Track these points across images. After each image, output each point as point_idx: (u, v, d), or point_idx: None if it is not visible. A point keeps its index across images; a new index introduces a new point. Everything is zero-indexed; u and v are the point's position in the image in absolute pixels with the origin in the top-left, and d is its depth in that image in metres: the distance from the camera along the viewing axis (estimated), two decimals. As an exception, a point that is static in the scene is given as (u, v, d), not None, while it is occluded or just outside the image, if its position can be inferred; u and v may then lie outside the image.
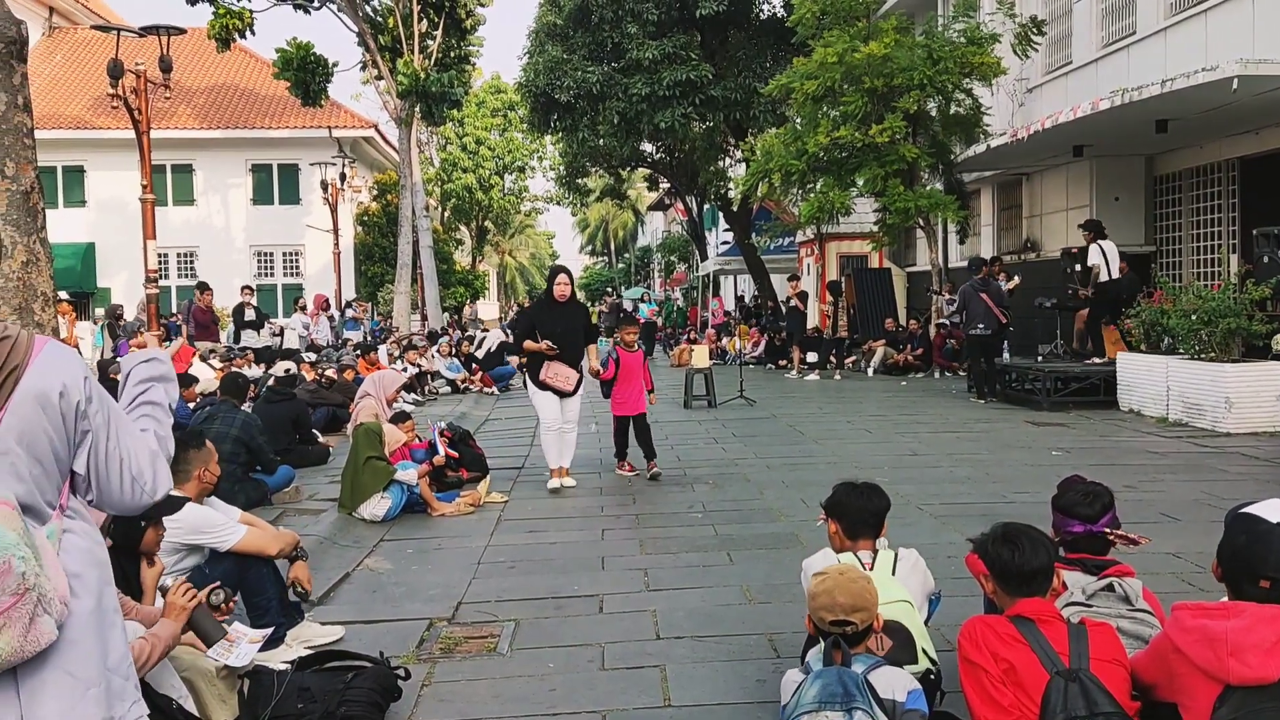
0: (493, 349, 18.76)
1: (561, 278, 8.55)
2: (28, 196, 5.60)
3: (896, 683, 3.01)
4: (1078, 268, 14.08)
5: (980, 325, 13.75)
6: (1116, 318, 12.90)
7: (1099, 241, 13.01)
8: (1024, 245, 19.30)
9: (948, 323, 17.77)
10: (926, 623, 3.62)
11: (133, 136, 13.19)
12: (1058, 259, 15.55)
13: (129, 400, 2.28)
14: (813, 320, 20.94)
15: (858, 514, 3.72)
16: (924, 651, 3.37)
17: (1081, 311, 14.24)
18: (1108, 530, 3.52)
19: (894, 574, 3.58)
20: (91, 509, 2.15)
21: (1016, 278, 15.85)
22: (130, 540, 3.72)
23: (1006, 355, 14.67)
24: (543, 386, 8.37)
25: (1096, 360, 13.21)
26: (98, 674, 1.99)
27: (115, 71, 12.27)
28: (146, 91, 12.51)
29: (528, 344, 8.37)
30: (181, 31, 13.98)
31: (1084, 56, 16.53)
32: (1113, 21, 15.95)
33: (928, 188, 18.17)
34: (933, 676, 3.36)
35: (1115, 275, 12.95)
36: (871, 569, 3.54)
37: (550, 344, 8.21)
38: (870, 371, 19.15)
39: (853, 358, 20.34)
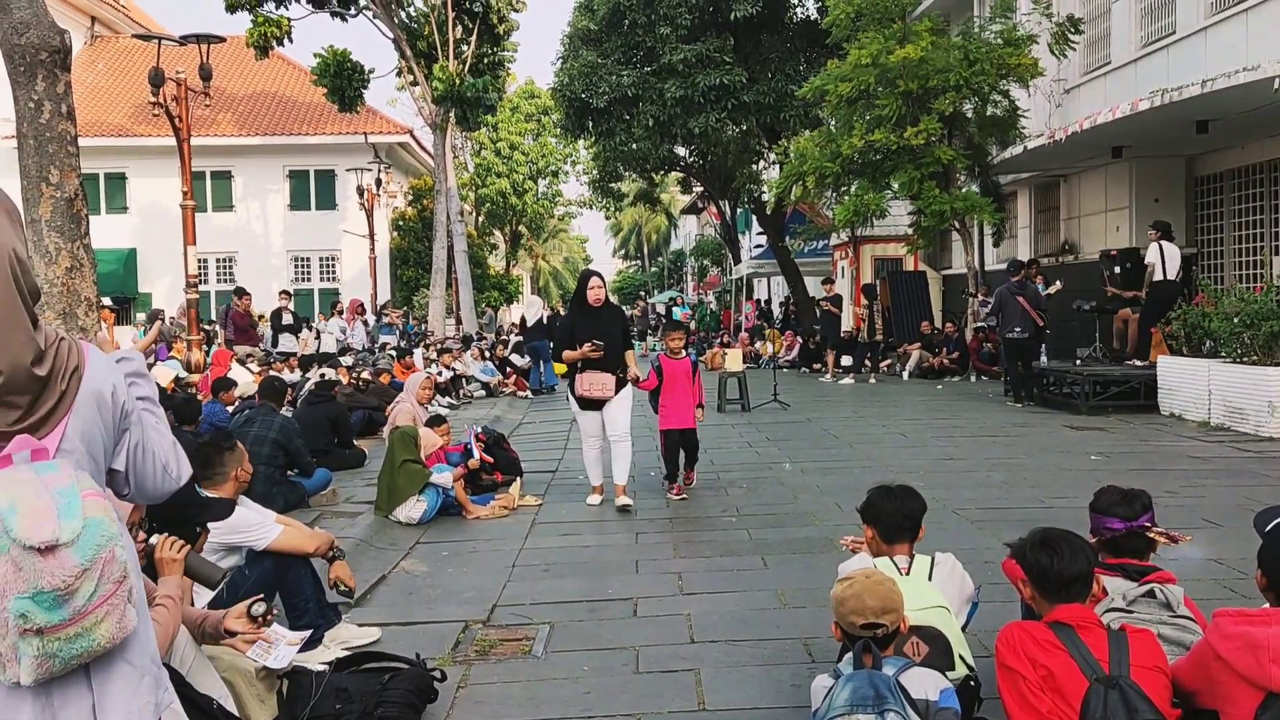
0: (542, 320, 18.62)
1: (594, 281, 7.91)
2: (72, 203, 5.71)
3: (928, 682, 2.99)
4: (1116, 269, 13.92)
5: (1017, 328, 13.62)
6: (1161, 320, 12.73)
7: (1162, 242, 12.81)
8: (1062, 248, 19.10)
9: (984, 326, 17.61)
10: (964, 629, 3.59)
11: (173, 143, 13.38)
12: (1096, 261, 15.37)
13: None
14: (847, 324, 20.83)
15: (892, 518, 3.70)
16: (961, 658, 3.35)
17: (1123, 312, 14.06)
18: (1148, 526, 3.48)
19: (931, 579, 3.56)
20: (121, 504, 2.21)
21: (1059, 282, 15.67)
22: (188, 541, 3.77)
23: (1044, 358, 14.52)
24: (581, 401, 7.79)
25: (1137, 363, 13.04)
26: (148, 663, 2.07)
27: (156, 80, 12.46)
28: (187, 99, 12.69)
29: (566, 354, 7.83)
30: (221, 40, 14.17)
31: (1123, 57, 16.34)
32: (1151, 21, 15.76)
33: (963, 190, 18.03)
34: (972, 684, 3.33)
35: (1172, 277, 12.74)
36: (908, 574, 3.53)
37: (595, 343, 7.58)
38: (905, 375, 19.03)
39: (888, 361, 20.22)
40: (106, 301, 18.60)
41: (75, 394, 1.97)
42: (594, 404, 7.75)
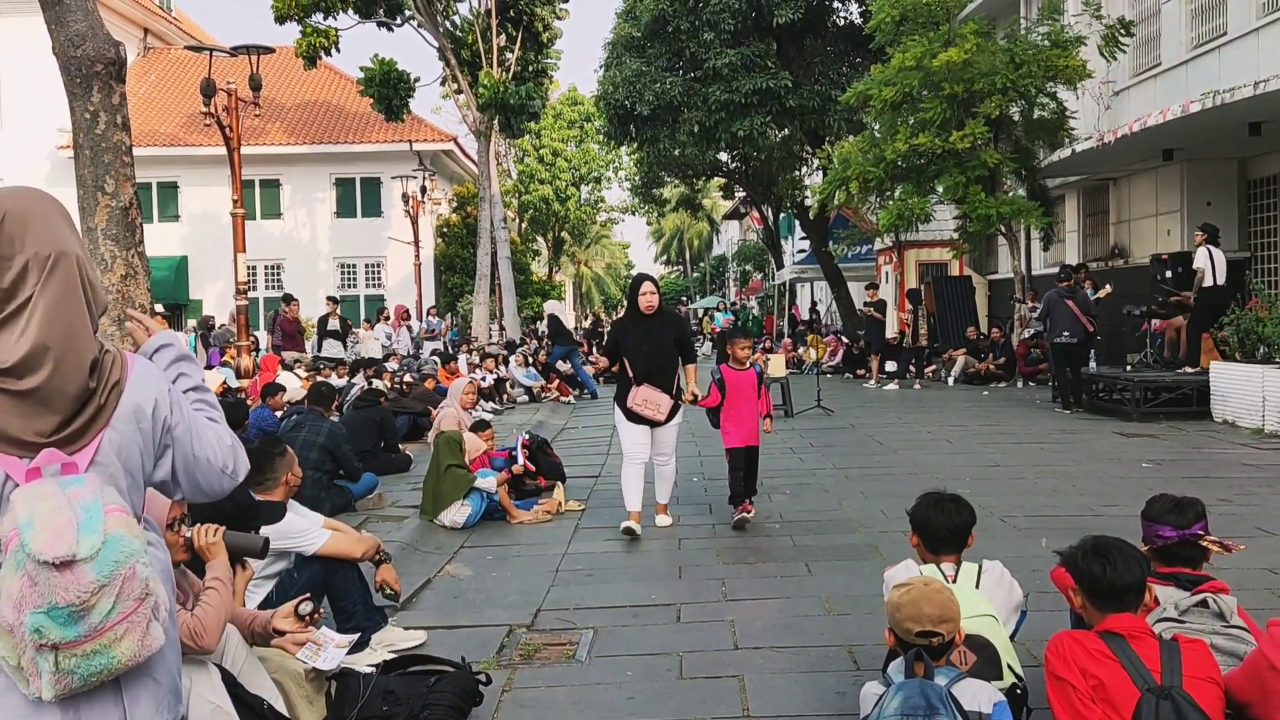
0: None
1: (646, 286, 7.17)
2: (126, 212, 5.83)
3: (981, 695, 2.96)
4: (1168, 274, 13.69)
5: (1066, 333, 13.44)
6: (1213, 325, 12.50)
7: (1209, 245, 12.58)
8: (1111, 252, 18.82)
9: (1033, 332, 17.38)
10: (1012, 638, 3.55)
11: (224, 152, 13.61)
12: (1147, 265, 15.12)
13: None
14: (891, 329, 20.67)
15: (939, 530, 3.66)
16: (1009, 667, 3.31)
17: (1175, 319, 13.83)
18: (1200, 534, 3.42)
19: (978, 587, 3.52)
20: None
21: (1109, 286, 15.44)
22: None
23: (1093, 364, 14.30)
24: (631, 416, 7.12)
25: (1188, 370, 12.82)
26: (171, 679, 2.05)
27: (208, 90, 12.68)
28: (237, 109, 12.91)
29: (601, 364, 7.57)
30: (270, 51, 14.39)
31: (1173, 58, 16.09)
32: (1202, 22, 15.50)
33: (1010, 194, 17.84)
34: (1019, 692, 3.30)
35: (1221, 282, 12.51)
36: (954, 581, 3.49)
37: (600, 358, 7.26)
38: (951, 381, 18.85)
39: (933, 367, 20.04)
40: (159, 308, 18.95)
41: (114, 408, 1.96)
42: (642, 420, 7.13)
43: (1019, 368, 18.06)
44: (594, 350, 22.10)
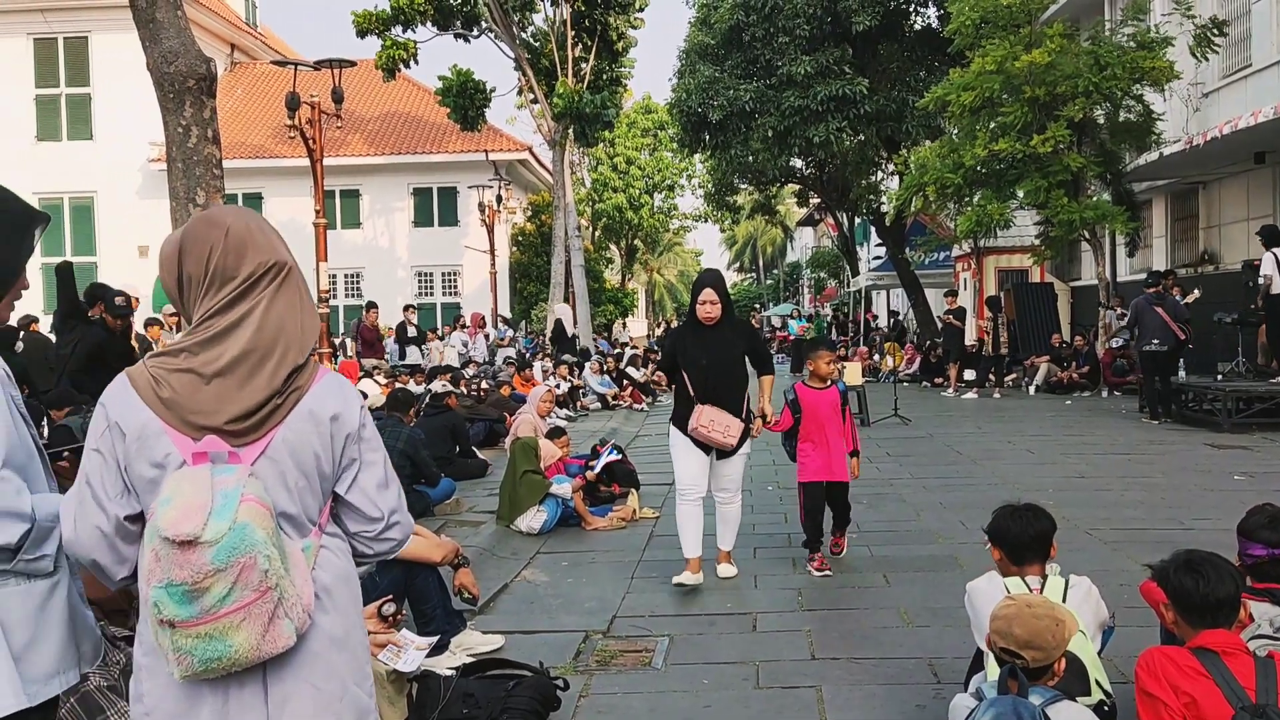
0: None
1: (706, 293, 5.90)
2: (217, 223, 5.98)
3: (1077, 719, 2.89)
4: (1261, 280, 13.24)
5: (1155, 340, 13.05)
6: None
7: (1274, 249, 12.16)
8: (1201, 258, 18.26)
9: (1119, 340, 16.92)
10: (1099, 654, 3.47)
11: (306, 164, 13.92)
12: (1238, 272, 14.64)
13: None
14: (970, 337, 20.32)
15: (1019, 539, 3.58)
16: (1097, 683, 3.23)
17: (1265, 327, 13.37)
18: None
19: (1064, 602, 3.44)
20: None
21: (1196, 291, 14.99)
22: None
23: (1182, 373, 13.88)
24: (693, 436, 5.94)
25: (1282, 379, 12.38)
26: (341, 690, 2.06)
27: (292, 104, 13.00)
28: (320, 122, 13.20)
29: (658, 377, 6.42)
30: (352, 64, 14.69)
31: (1265, 59, 15.57)
32: (1297, 20, 15.00)
33: (1094, 198, 17.43)
34: (1107, 709, 3.22)
35: None
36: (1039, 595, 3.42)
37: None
38: (1032, 390, 18.46)
39: (1013, 375, 19.64)
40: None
41: (290, 409, 2.03)
42: (703, 445, 5.98)
43: (1104, 377, 17.60)
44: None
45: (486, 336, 22.47)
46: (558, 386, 15.44)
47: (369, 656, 2.23)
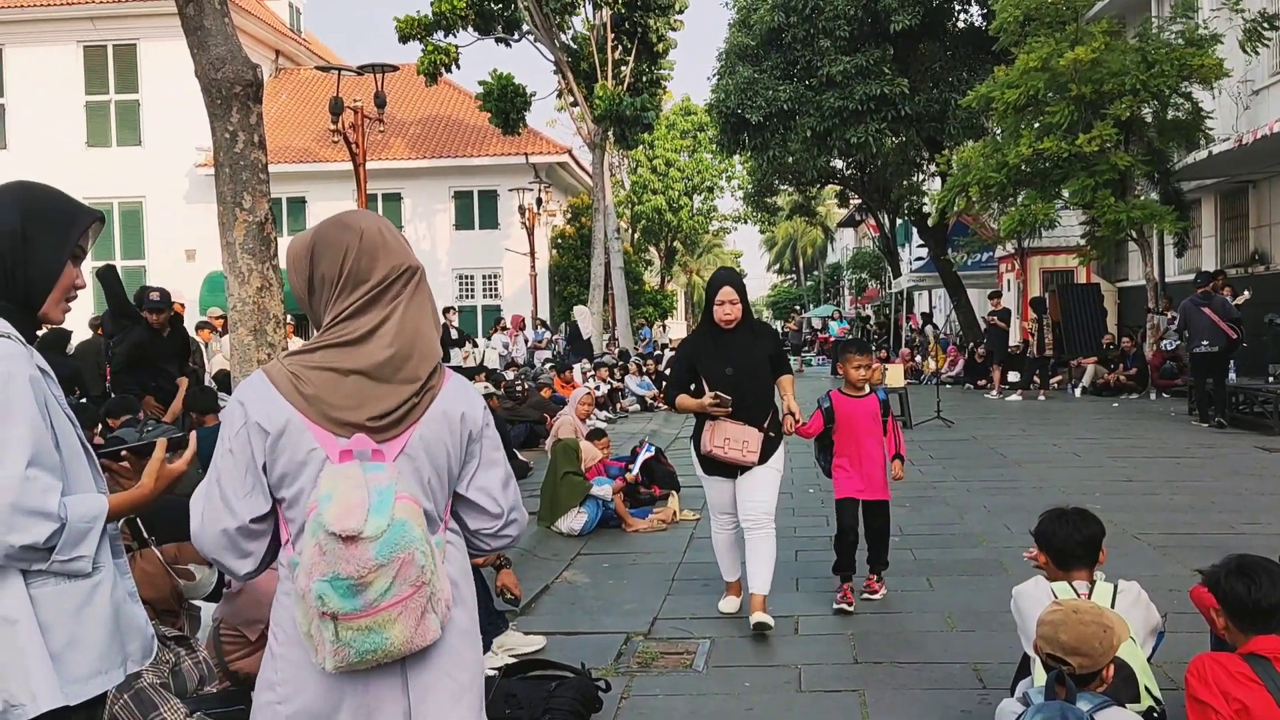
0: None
1: (724, 292, 5.20)
2: (262, 227, 6.07)
3: None
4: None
5: (1205, 342, 12.81)
6: None
7: None
8: (1251, 258, 17.92)
9: (1172, 344, 16.62)
10: (1149, 660, 3.41)
11: (349, 168, 14.11)
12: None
13: None
14: (1014, 338, 20.09)
15: (1064, 543, 3.54)
16: (1147, 689, 3.18)
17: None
18: None
19: (1113, 607, 3.39)
20: None
21: (1246, 292, 14.71)
22: None
23: (1233, 375, 13.61)
24: (707, 462, 5.33)
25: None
26: (470, 681, 2.14)
27: (336, 109, 13.16)
28: (363, 126, 13.35)
29: (682, 400, 5.37)
30: (394, 69, 14.84)
31: (1319, 53, 15.27)
32: (1352, 14, 14.67)
33: (1142, 198, 17.17)
34: (1156, 715, 3.17)
35: None
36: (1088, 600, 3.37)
37: (718, 396, 5.14)
38: (1078, 392, 18.21)
39: (1058, 377, 19.38)
40: (289, 319, 19.68)
41: (426, 408, 2.08)
42: (725, 468, 5.28)
43: (1152, 379, 17.32)
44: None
45: (526, 340, 22.58)
46: (598, 388, 15.47)
47: (481, 646, 2.28)
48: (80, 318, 12.64)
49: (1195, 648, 3.48)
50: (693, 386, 5.37)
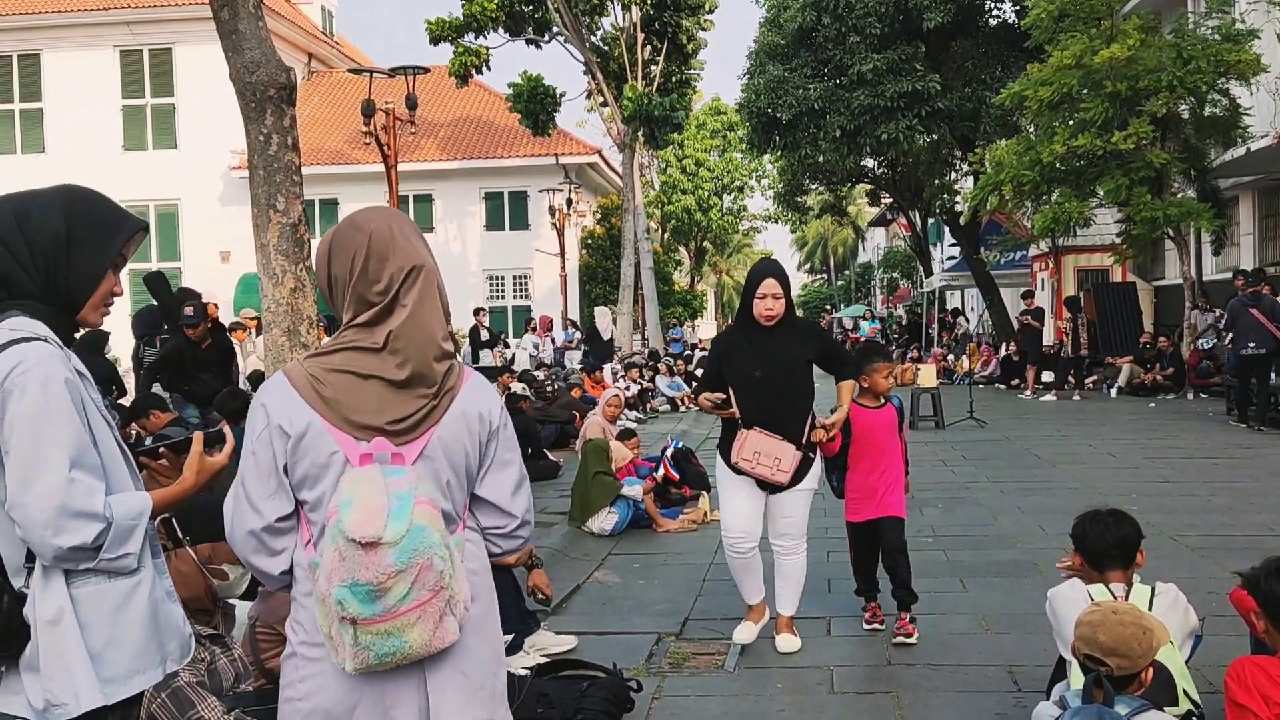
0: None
1: (767, 284, 4.65)
2: (295, 228, 6.12)
3: None
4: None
5: (1251, 344, 12.59)
6: None
7: None
8: (1290, 255, 17.66)
9: (1210, 342, 16.37)
10: (1187, 663, 3.36)
11: (380, 170, 14.19)
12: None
13: None
14: (1049, 338, 19.89)
15: (1099, 544, 3.49)
16: (1185, 693, 3.13)
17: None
18: None
19: (1150, 610, 3.34)
20: None
21: None
22: None
23: (1274, 376, 13.40)
24: (737, 471, 4.75)
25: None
26: (485, 676, 2.15)
27: (368, 111, 13.25)
28: (395, 128, 13.43)
29: (704, 398, 4.85)
30: (425, 71, 14.92)
31: (1361, 47, 15.00)
32: (1395, 6, 14.40)
33: (1178, 196, 16.95)
34: (1194, 719, 3.12)
35: None
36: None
37: (714, 397, 4.76)
38: (1113, 392, 18.00)
39: (1093, 377, 19.18)
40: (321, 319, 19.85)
41: (445, 410, 2.09)
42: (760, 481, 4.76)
43: (1189, 379, 17.09)
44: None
45: (554, 340, 22.63)
46: (628, 389, 15.48)
47: (502, 647, 2.29)
48: (120, 321, 12.82)
49: (1234, 651, 3.43)
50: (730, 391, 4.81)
